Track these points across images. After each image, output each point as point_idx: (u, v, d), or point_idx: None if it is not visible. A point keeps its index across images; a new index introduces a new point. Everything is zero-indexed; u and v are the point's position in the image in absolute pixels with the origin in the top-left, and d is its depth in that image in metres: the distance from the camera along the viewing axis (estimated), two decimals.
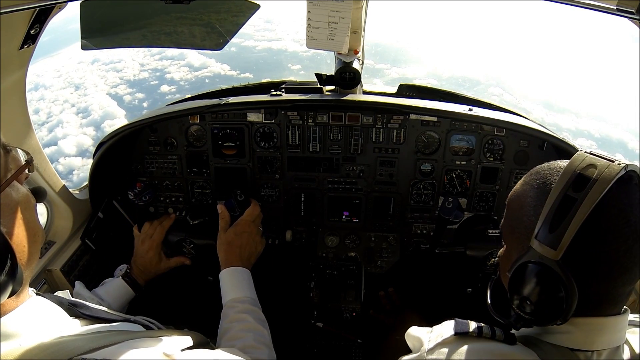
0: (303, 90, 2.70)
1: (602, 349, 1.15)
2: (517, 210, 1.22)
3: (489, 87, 42.62)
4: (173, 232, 2.59)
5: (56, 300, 1.27)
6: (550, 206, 1.08)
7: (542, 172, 1.19)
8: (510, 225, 1.25)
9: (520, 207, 1.20)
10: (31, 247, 1.14)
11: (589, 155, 1.09)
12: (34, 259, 1.18)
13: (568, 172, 1.09)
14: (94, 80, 47.07)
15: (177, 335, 1.33)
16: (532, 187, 1.19)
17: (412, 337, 1.36)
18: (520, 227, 1.19)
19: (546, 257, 1.07)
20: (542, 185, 1.16)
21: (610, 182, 1.03)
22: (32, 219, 1.17)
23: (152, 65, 48.28)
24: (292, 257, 3.03)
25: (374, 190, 2.80)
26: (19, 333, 1.05)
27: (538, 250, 1.09)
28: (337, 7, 1.95)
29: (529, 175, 1.23)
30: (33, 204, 1.22)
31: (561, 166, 1.15)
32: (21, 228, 1.11)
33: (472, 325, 1.21)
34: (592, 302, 1.11)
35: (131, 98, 42.62)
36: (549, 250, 1.07)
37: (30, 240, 1.14)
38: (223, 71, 46.66)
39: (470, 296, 2.86)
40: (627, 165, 1.06)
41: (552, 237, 1.06)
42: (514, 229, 1.23)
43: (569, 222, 1.04)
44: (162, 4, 2.11)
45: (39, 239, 1.19)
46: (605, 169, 1.05)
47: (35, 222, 1.19)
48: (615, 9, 1.28)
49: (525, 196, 1.20)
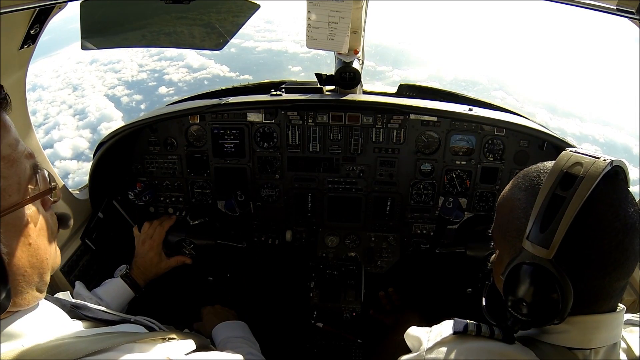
0: (303, 90, 2.70)
1: (600, 347, 1.15)
2: (507, 214, 1.22)
3: (492, 91, 42.55)
4: (173, 232, 2.58)
5: (59, 304, 1.26)
6: (539, 206, 1.09)
7: (530, 174, 1.21)
8: (501, 229, 1.26)
9: (510, 210, 1.21)
10: (33, 273, 1.05)
11: (574, 154, 1.11)
12: (39, 284, 1.09)
13: (555, 171, 1.10)
14: (92, 81, 46.87)
15: (179, 339, 1.32)
16: (521, 189, 1.20)
17: (411, 337, 1.36)
18: (511, 230, 1.20)
19: (539, 257, 1.08)
20: (531, 187, 1.17)
21: (596, 179, 1.04)
22: (43, 245, 1.08)
23: (150, 66, 48.12)
24: (292, 257, 3.03)
25: (374, 190, 2.81)
26: (23, 333, 1.04)
27: (530, 250, 1.09)
28: (337, 7, 1.96)
29: (517, 179, 1.25)
30: (51, 231, 1.13)
31: (548, 167, 1.17)
32: (25, 252, 1.02)
33: (471, 325, 1.21)
34: (588, 299, 1.12)
35: (129, 99, 42.44)
36: (541, 249, 1.07)
37: (34, 266, 1.05)
38: (222, 72, 46.52)
39: (470, 296, 2.86)
40: (612, 160, 1.08)
41: (543, 237, 1.07)
42: (505, 233, 1.23)
43: (559, 220, 1.05)
44: (162, 4, 2.12)
45: (46, 267, 1.11)
46: (591, 166, 1.06)
47: (45, 250, 1.10)
48: (615, 9, 1.28)
49: (515, 199, 1.20)
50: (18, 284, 1.02)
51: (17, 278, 1.01)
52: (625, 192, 1.10)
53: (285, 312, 2.97)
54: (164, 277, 2.51)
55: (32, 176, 1.05)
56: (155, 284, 2.45)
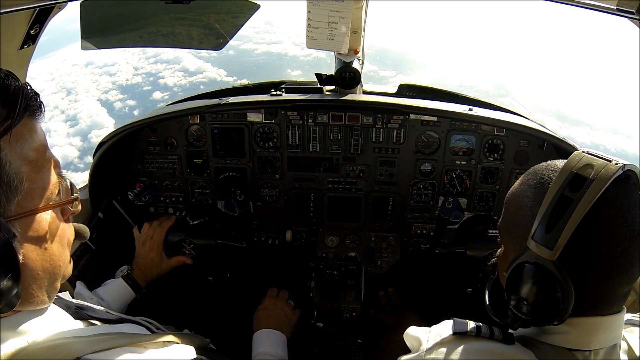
0: (303, 90, 2.70)
1: (599, 348, 1.15)
2: (514, 210, 1.22)
3: (500, 97, 42.20)
4: (173, 232, 2.58)
5: (63, 305, 1.27)
6: (546, 206, 1.08)
7: (540, 171, 1.19)
8: (507, 225, 1.25)
9: (518, 207, 1.20)
10: (45, 277, 1.08)
11: (586, 155, 1.09)
12: (49, 289, 1.12)
13: (565, 171, 1.08)
14: (86, 85, 46.36)
15: (180, 341, 1.33)
16: (530, 186, 1.19)
17: (410, 337, 1.36)
18: (517, 226, 1.19)
19: (542, 257, 1.07)
20: (540, 184, 1.16)
21: (607, 182, 1.03)
22: (57, 252, 1.11)
23: (146, 69, 47.69)
24: (292, 257, 3.02)
25: (374, 190, 2.81)
26: (28, 331, 1.06)
27: (534, 250, 1.09)
28: (337, 7, 1.96)
29: (527, 175, 1.24)
30: (67, 240, 1.17)
31: (558, 165, 1.16)
32: (40, 256, 1.05)
33: (471, 325, 1.21)
34: (590, 302, 1.11)
35: (122, 105, 41.98)
36: (545, 250, 1.07)
37: (46, 270, 1.08)
38: (219, 76, 46.14)
39: (470, 296, 2.87)
40: (624, 164, 1.06)
41: (548, 238, 1.06)
42: (511, 229, 1.23)
43: (565, 222, 1.04)
44: (162, 4, 2.12)
45: (58, 274, 1.13)
46: (603, 169, 1.04)
47: (59, 256, 1.12)
48: (615, 9, 1.29)
49: (523, 196, 1.20)
50: (29, 286, 1.04)
51: (28, 279, 1.04)
52: (636, 197, 1.08)
53: None
54: (164, 277, 2.51)
55: (56, 185, 1.09)
56: (155, 284, 2.45)
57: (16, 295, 0.96)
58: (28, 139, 1.01)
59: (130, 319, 1.46)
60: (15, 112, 0.97)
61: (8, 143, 0.96)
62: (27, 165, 1.00)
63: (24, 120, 1.00)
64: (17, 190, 0.98)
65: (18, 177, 0.98)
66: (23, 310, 1.08)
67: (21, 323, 1.06)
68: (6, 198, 0.96)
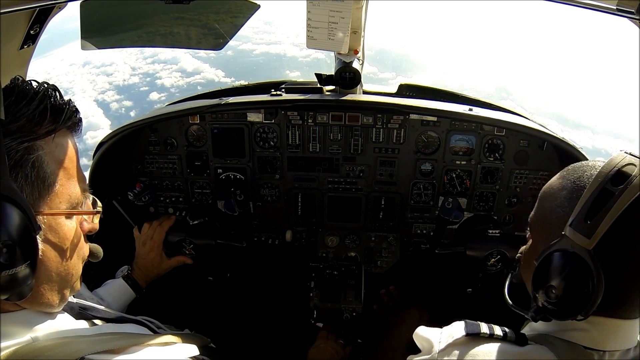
0: (303, 90, 2.70)
1: (615, 350, 1.16)
2: (550, 202, 1.24)
3: (501, 100, 42.08)
4: (173, 232, 2.58)
5: (67, 307, 1.28)
6: (587, 197, 1.10)
7: (579, 168, 1.22)
8: (541, 217, 1.27)
9: (554, 199, 1.22)
10: (57, 280, 1.11)
11: (629, 155, 1.13)
12: (58, 296, 1.14)
13: (608, 167, 1.11)
14: (82, 85, 45.89)
15: (181, 341, 1.33)
16: (569, 180, 1.21)
17: (421, 338, 1.35)
18: (552, 218, 1.21)
19: (578, 246, 1.08)
20: (579, 179, 1.18)
21: None
22: (73, 260, 1.16)
23: (143, 69, 47.34)
24: (292, 257, 3.02)
25: (374, 190, 2.81)
26: (33, 328, 1.07)
27: (571, 237, 1.10)
28: (337, 7, 1.96)
29: (566, 170, 1.26)
30: (83, 255, 1.22)
31: (599, 164, 1.18)
32: (57, 258, 1.09)
33: (484, 327, 1.22)
34: (614, 303, 1.12)
35: (118, 106, 41.53)
36: (582, 238, 1.07)
37: (60, 274, 1.11)
38: (217, 77, 45.78)
39: (470, 296, 2.87)
40: None
41: (586, 226, 1.07)
42: (544, 221, 1.24)
43: (605, 213, 1.05)
44: (162, 4, 2.11)
45: (70, 281, 1.17)
46: None
47: (74, 265, 1.17)
48: (615, 9, 1.29)
49: (561, 189, 1.22)
50: (40, 284, 1.07)
51: (41, 277, 1.07)
52: None
53: (285, 312, 2.97)
54: (164, 277, 2.50)
55: (81, 197, 1.17)
56: (155, 284, 2.44)
57: (28, 287, 0.99)
58: (65, 147, 1.11)
59: (132, 319, 1.47)
60: (59, 120, 1.07)
61: (48, 145, 1.05)
62: (60, 170, 1.07)
63: (64, 131, 1.11)
64: (50, 189, 1.05)
65: (52, 177, 1.05)
66: (29, 309, 1.09)
67: (26, 320, 1.07)
68: (38, 193, 1.03)
